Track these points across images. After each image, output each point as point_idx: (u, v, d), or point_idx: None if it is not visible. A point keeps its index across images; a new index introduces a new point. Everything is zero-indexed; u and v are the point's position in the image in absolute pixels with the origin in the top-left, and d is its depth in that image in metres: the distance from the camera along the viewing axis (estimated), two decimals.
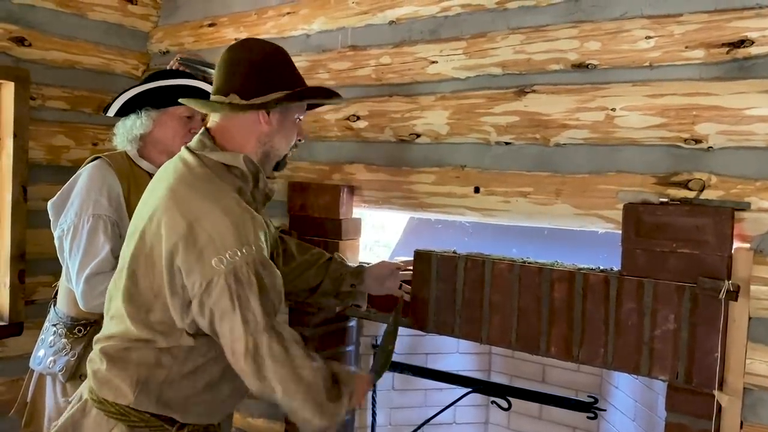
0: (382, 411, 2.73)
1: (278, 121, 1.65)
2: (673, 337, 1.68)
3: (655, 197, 1.77)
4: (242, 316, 1.47)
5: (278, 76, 1.63)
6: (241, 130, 1.64)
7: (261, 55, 1.63)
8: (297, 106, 1.70)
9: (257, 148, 1.65)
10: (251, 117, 1.62)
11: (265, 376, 1.50)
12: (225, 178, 1.58)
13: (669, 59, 1.76)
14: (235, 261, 1.46)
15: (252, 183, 1.63)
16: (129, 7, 3.03)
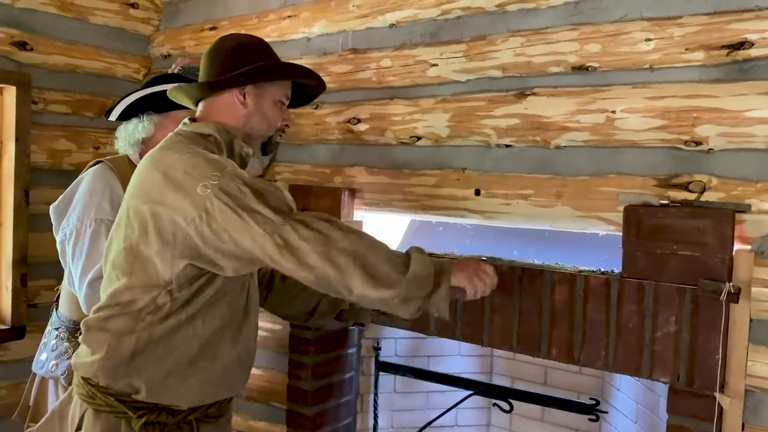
0: (384, 414, 2.73)
1: (254, 102, 1.66)
2: (674, 339, 1.68)
3: (656, 199, 1.77)
4: (254, 221, 1.43)
5: (251, 59, 1.65)
6: (219, 112, 1.67)
7: (236, 43, 1.70)
8: (275, 87, 1.70)
9: (238, 130, 1.67)
10: (228, 98, 1.65)
11: (308, 264, 1.43)
12: (199, 143, 1.58)
13: (669, 61, 1.76)
14: (219, 182, 1.45)
15: (226, 150, 1.62)
16: (130, 11, 3.04)
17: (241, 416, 2.80)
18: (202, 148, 1.56)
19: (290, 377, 2.54)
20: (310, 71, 1.77)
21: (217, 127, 1.63)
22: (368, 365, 2.69)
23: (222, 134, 1.62)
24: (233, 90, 1.64)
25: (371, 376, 2.67)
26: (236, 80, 1.63)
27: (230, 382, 1.69)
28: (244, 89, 1.65)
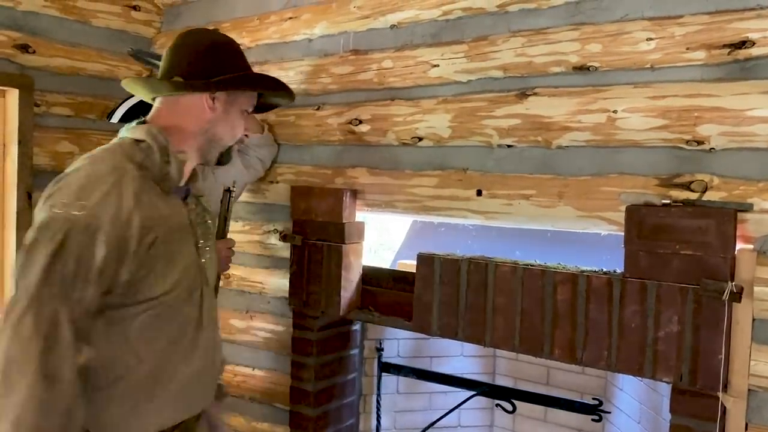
0: (387, 414, 2.73)
1: (223, 108, 1.57)
2: (676, 339, 1.68)
3: (658, 199, 1.77)
4: (23, 266, 1.31)
5: (225, 63, 1.57)
6: (182, 113, 1.55)
7: (209, 42, 1.59)
8: (245, 97, 1.62)
9: (199, 135, 1.56)
10: (195, 101, 1.54)
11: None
12: (130, 153, 1.45)
13: (670, 61, 1.76)
14: (56, 213, 1.33)
15: (160, 157, 1.47)
16: (132, 14, 3.04)
17: (243, 417, 2.80)
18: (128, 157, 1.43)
19: (293, 378, 2.54)
20: (285, 85, 1.69)
21: (150, 131, 1.49)
22: (371, 366, 2.69)
23: (156, 139, 1.48)
24: (204, 93, 1.54)
25: (374, 377, 2.68)
26: (212, 87, 1.53)
27: (190, 401, 1.56)
28: (215, 94, 1.55)
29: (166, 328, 1.48)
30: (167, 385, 1.49)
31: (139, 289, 1.41)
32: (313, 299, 2.44)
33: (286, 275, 2.58)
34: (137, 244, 1.38)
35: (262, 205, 2.74)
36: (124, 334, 1.42)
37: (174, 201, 1.52)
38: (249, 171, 2.52)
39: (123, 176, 1.40)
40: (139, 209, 1.39)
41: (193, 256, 1.54)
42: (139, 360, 1.44)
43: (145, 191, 1.42)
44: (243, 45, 2.73)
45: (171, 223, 1.48)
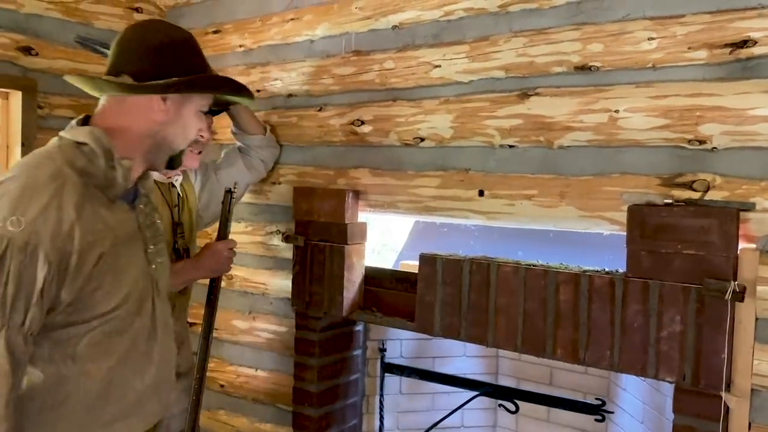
0: (390, 415, 2.73)
1: (175, 110, 1.45)
2: (679, 339, 1.67)
3: (660, 198, 1.77)
4: None
5: (180, 61, 1.44)
6: (130, 114, 1.42)
7: (162, 38, 1.45)
8: (199, 98, 1.50)
9: (147, 138, 1.44)
10: (144, 101, 1.42)
11: None
12: (71, 157, 1.34)
13: (672, 60, 1.76)
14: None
15: (104, 162, 1.36)
16: (134, 15, 3.05)
17: (247, 418, 2.81)
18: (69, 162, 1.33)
19: (296, 379, 2.54)
20: (244, 86, 1.61)
21: (93, 133, 1.37)
22: (374, 367, 2.69)
23: (100, 143, 1.36)
24: (153, 94, 1.42)
25: (377, 377, 2.68)
26: (165, 88, 1.41)
27: (146, 414, 1.50)
28: (167, 95, 1.43)
29: (116, 343, 1.39)
30: (120, 400, 1.42)
31: (86, 307, 1.32)
32: (316, 300, 2.44)
33: (288, 276, 2.58)
34: (80, 260, 1.28)
35: (265, 206, 2.75)
36: (71, 353, 1.34)
37: (120, 208, 1.42)
38: (251, 172, 2.52)
39: (63, 185, 1.29)
40: (82, 222, 1.29)
41: (142, 265, 1.46)
42: (88, 378, 1.36)
43: (87, 201, 1.32)
44: (245, 46, 2.76)
45: (118, 235, 1.38)
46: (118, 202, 1.41)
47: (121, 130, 1.41)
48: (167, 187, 2.24)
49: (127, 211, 1.44)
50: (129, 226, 1.44)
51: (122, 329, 1.40)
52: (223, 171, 2.45)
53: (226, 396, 2.88)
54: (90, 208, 1.32)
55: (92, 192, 1.34)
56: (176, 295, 2.22)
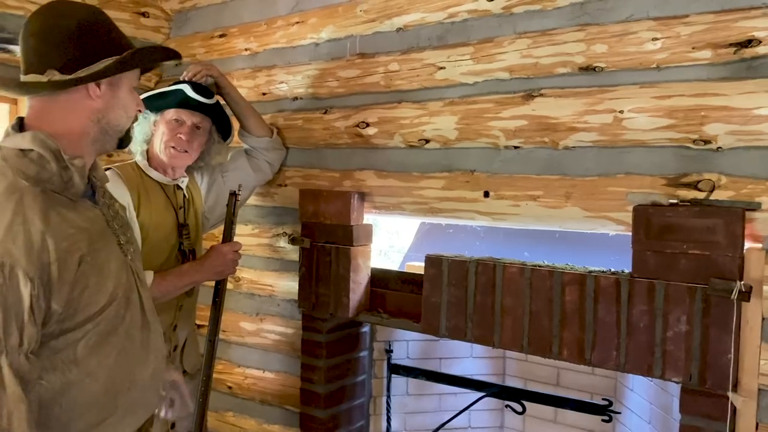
0: (397, 416, 2.73)
1: (111, 93, 1.41)
2: (685, 339, 1.67)
3: (665, 199, 1.77)
4: None
5: (102, 42, 1.38)
6: (66, 109, 1.37)
7: (76, 20, 1.36)
8: (132, 73, 1.45)
9: (90, 128, 1.40)
10: (78, 93, 1.37)
11: None
12: (20, 167, 1.29)
13: (676, 60, 1.76)
14: None
15: (56, 164, 1.31)
16: (141, 20, 3.07)
17: (254, 420, 2.82)
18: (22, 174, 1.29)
19: (303, 380, 2.55)
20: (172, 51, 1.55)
21: (36, 137, 1.31)
22: (380, 368, 2.70)
23: (46, 146, 1.31)
24: (87, 84, 1.36)
25: (383, 378, 2.68)
26: (97, 77, 1.36)
27: (149, 401, 1.53)
28: (100, 81, 1.37)
29: (113, 339, 1.39)
30: (127, 392, 1.43)
31: (77, 311, 1.31)
32: (322, 301, 2.45)
33: (295, 278, 2.59)
34: (61, 268, 1.26)
35: (271, 209, 2.76)
36: (72, 358, 1.33)
37: (84, 206, 1.39)
38: (258, 174, 2.53)
39: (21, 198, 1.25)
40: (51, 230, 1.26)
41: (120, 258, 1.44)
42: (92, 378, 1.36)
43: (51, 208, 1.29)
44: (251, 50, 2.77)
45: (92, 234, 1.36)
46: (80, 201, 1.38)
47: (62, 128, 1.37)
48: (172, 189, 2.25)
49: (91, 208, 1.42)
50: (98, 223, 1.42)
51: (116, 325, 1.39)
52: (230, 173, 2.47)
53: (233, 397, 2.90)
54: (56, 214, 1.29)
55: (53, 197, 1.31)
56: (183, 297, 2.23)
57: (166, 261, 2.18)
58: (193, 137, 2.24)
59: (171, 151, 2.20)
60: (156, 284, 2.03)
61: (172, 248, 2.21)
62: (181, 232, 2.23)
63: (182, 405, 1.83)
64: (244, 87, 2.71)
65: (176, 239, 2.21)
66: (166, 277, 2.08)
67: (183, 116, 2.22)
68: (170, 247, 2.20)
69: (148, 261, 2.09)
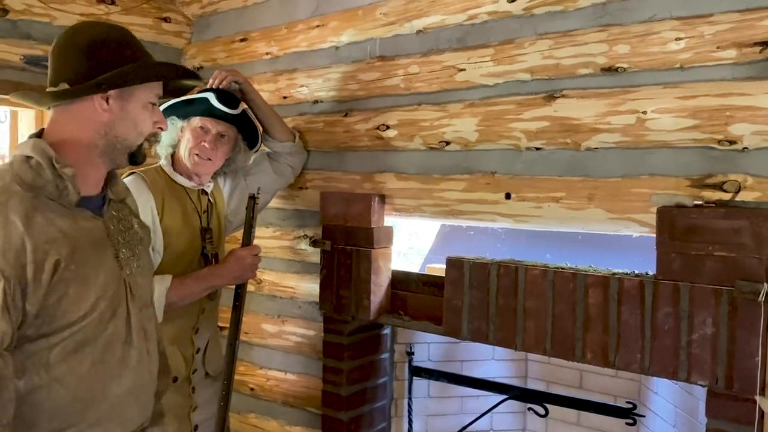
0: (419, 418, 2.73)
1: (120, 108, 1.43)
2: (711, 342, 1.65)
3: (690, 200, 1.75)
4: None
5: (112, 57, 1.41)
6: (75, 120, 1.42)
7: (91, 37, 1.42)
8: (143, 89, 1.46)
9: (97, 140, 1.43)
10: (87, 105, 1.41)
11: None
12: (19, 172, 1.34)
13: (700, 60, 1.74)
14: None
15: (51, 172, 1.35)
16: (163, 25, 3.11)
17: (276, 421, 2.84)
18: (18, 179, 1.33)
19: (325, 382, 2.56)
20: (182, 68, 1.56)
21: (37, 146, 1.37)
22: (402, 370, 2.70)
23: (44, 155, 1.35)
24: (94, 95, 1.40)
25: (405, 380, 2.68)
26: (95, 88, 1.39)
27: (125, 419, 1.49)
28: (108, 93, 1.41)
29: (89, 349, 1.38)
30: (98, 405, 1.42)
31: (54, 317, 1.32)
32: (344, 304, 2.46)
33: (316, 280, 2.61)
34: (37, 270, 1.28)
35: (292, 211, 2.78)
36: (44, 362, 1.34)
37: (83, 215, 1.40)
38: (280, 178, 2.55)
39: (7, 201, 1.29)
40: (32, 232, 1.28)
41: (113, 271, 1.44)
42: (61, 385, 1.35)
43: (38, 212, 1.31)
44: (272, 54, 2.79)
45: (78, 242, 1.36)
46: (78, 210, 1.39)
47: (71, 138, 1.41)
48: (197, 193, 2.28)
49: (91, 218, 1.43)
50: (94, 233, 1.42)
51: (95, 335, 1.39)
52: (253, 177, 2.49)
53: (255, 399, 2.92)
54: (41, 218, 1.31)
55: (44, 203, 1.33)
56: (205, 300, 2.25)
57: (189, 265, 2.20)
58: (218, 145, 2.25)
59: (195, 159, 2.22)
60: (174, 289, 2.04)
61: (196, 253, 2.23)
62: (204, 236, 2.25)
63: None
64: (266, 91, 2.73)
65: (200, 244, 2.23)
66: (185, 282, 2.09)
67: (208, 124, 2.24)
68: (194, 251, 2.22)
69: (172, 265, 2.12)
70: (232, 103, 2.27)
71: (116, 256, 1.46)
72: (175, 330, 2.13)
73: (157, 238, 2.09)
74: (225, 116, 2.25)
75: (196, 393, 2.24)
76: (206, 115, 2.24)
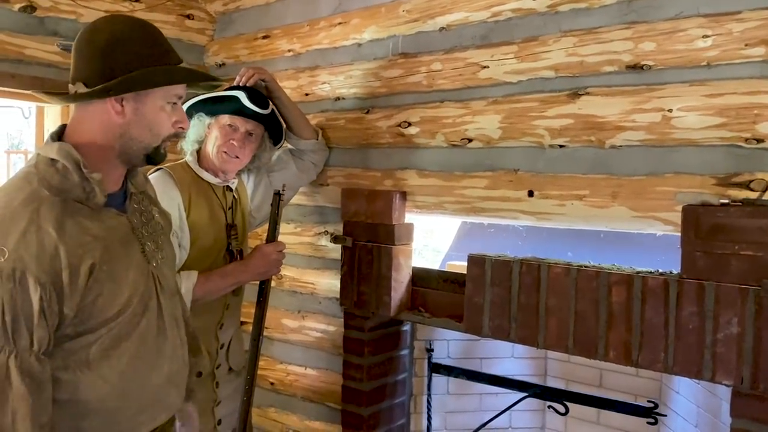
0: (438, 415, 2.74)
1: (133, 111, 1.40)
2: (736, 341, 1.64)
3: (716, 198, 1.74)
4: None
5: (128, 58, 1.38)
6: (91, 121, 1.41)
7: (109, 36, 1.38)
8: (162, 91, 1.43)
9: (113, 142, 1.42)
10: (102, 107, 1.39)
11: None
12: (46, 176, 1.35)
13: (728, 58, 1.73)
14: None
15: (77, 175, 1.35)
16: (186, 22, 3.13)
17: (296, 416, 2.86)
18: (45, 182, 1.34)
19: (345, 378, 2.58)
20: (194, 73, 1.53)
21: (62, 149, 1.36)
22: (421, 367, 2.71)
23: (70, 158, 1.35)
24: (107, 99, 1.38)
25: (424, 377, 2.69)
26: (104, 93, 1.37)
27: (165, 405, 1.55)
28: (122, 96, 1.39)
29: (126, 344, 1.42)
30: (140, 396, 1.46)
31: (91, 316, 1.35)
32: (364, 300, 2.47)
33: (337, 276, 2.62)
34: (72, 276, 1.30)
35: (314, 208, 2.79)
36: (84, 360, 1.37)
37: (108, 215, 1.42)
38: (303, 174, 2.56)
39: (38, 208, 1.30)
40: (65, 239, 1.30)
41: (141, 265, 1.47)
42: (104, 381, 1.39)
43: (68, 217, 1.33)
44: (294, 51, 2.80)
45: (108, 242, 1.39)
46: (104, 210, 1.41)
47: (89, 140, 1.41)
48: (222, 189, 2.30)
49: (115, 216, 1.45)
50: (121, 230, 1.45)
51: (129, 331, 1.42)
52: (276, 173, 2.50)
53: (275, 394, 2.94)
54: (72, 223, 1.33)
55: (73, 206, 1.35)
56: (230, 296, 2.27)
57: (215, 261, 2.22)
58: (246, 144, 2.27)
59: (223, 156, 2.23)
60: (200, 284, 2.07)
61: (221, 248, 2.25)
62: (229, 232, 2.27)
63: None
64: (288, 88, 2.74)
65: (225, 240, 2.25)
66: (210, 278, 2.12)
67: (237, 123, 2.25)
68: (219, 247, 2.24)
69: (198, 261, 2.14)
70: (263, 103, 2.28)
71: (143, 251, 1.49)
72: (199, 325, 2.13)
73: (184, 235, 2.11)
74: (254, 115, 2.26)
75: (220, 388, 2.26)
76: (236, 113, 2.25)
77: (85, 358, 1.37)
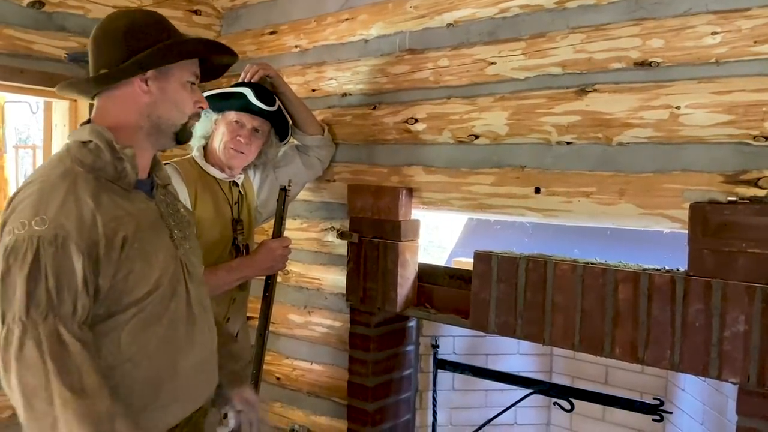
0: (443, 411, 2.74)
1: (159, 88, 1.46)
2: (743, 339, 1.64)
3: (723, 196, 1.74)
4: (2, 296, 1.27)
5: (150, 40, 1.44)
6: (120, 105, 1.46)
7: (125, 22, 1.46)
8: (179, 69, 1.48)
9: (142, 122, 1.47)
10: (128, 89, 1.45)
11: (8, 378, 1.25)
12: (78, 156, 1.39)
13: (736, 55, 1.72)
14: (19, 233, 1.27)
15: (110, 154, 1.39)
16: (193, 18, 3.14)
17: (302, 411, 2.87)
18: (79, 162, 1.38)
19: (350, 373, 2.59)
20: (216, 43, 1.59)
21: (94, 129, 1.41)
22: (426, 363, 2.71)
23: (102, 137, 1.40)
24: (133, 78, 1.44)
25: (430, 373, 2.70)
26: (134, 69, 1.42)
27: (195, 394, 1.55)
28: (146, 75, 1.44)
29: (155, 329, 1.42)
30: (171, 381, 1.46)
31: (122, 293, 1.37)
32: (370, 296, 2.48)
33: (343, 272, 2.63)
34: (108, 246, 1.33)
35: (320, 203, 2.80)
36: (115, 343, 1.38)
37: (138, 197, 1.46)
38: (309, 170, 2.57)
39: (75, 181, 1.35)
40: (101, 210, 1.34)
41: (170, 250, 1.49)
42: (134, 365, 1.40)
43: (103, 191, 1.37)
44: (301, 47, 2.81)
45: (139, 221, 1.42)
46: (135, 192, 1.45)
47: (118, 122, 1.45)
48: (228, 184, 2.30)
49: (145, 200, 1.48)
50: (150, 214, 1.48)
51: (159, 314, 1.43)
52: (282, 169, 2.51)
53: (281, 389, 2.95)
54: (107, 197, 1.37)
55: (105, 184, 1.39)
56: (236, 290, 2.28)
57: (221, 256, 2.23)
58: (252, 140, 2.28)
59: (230, 152, 2.24)
60: (206, 278, 2.06)
61: (227, 243, 2.26)
62: (235, 227, 2.28)
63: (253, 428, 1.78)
64: (294, 83, 2.75)
65: (231, 234, 2.26)
66: (216, 272, 2.12)
67: (244, 119, 2.26)
68: (225, 242, 2.25)
69: (204, 256, 2.10)
70: (269, 100, 2.29)
71: (171, 237, 1.51)
72: None
73: None
74: (261, 112, 2.27)
75: None
76: (242, 110, 2.26)
77: (117, 341, 1.38)
